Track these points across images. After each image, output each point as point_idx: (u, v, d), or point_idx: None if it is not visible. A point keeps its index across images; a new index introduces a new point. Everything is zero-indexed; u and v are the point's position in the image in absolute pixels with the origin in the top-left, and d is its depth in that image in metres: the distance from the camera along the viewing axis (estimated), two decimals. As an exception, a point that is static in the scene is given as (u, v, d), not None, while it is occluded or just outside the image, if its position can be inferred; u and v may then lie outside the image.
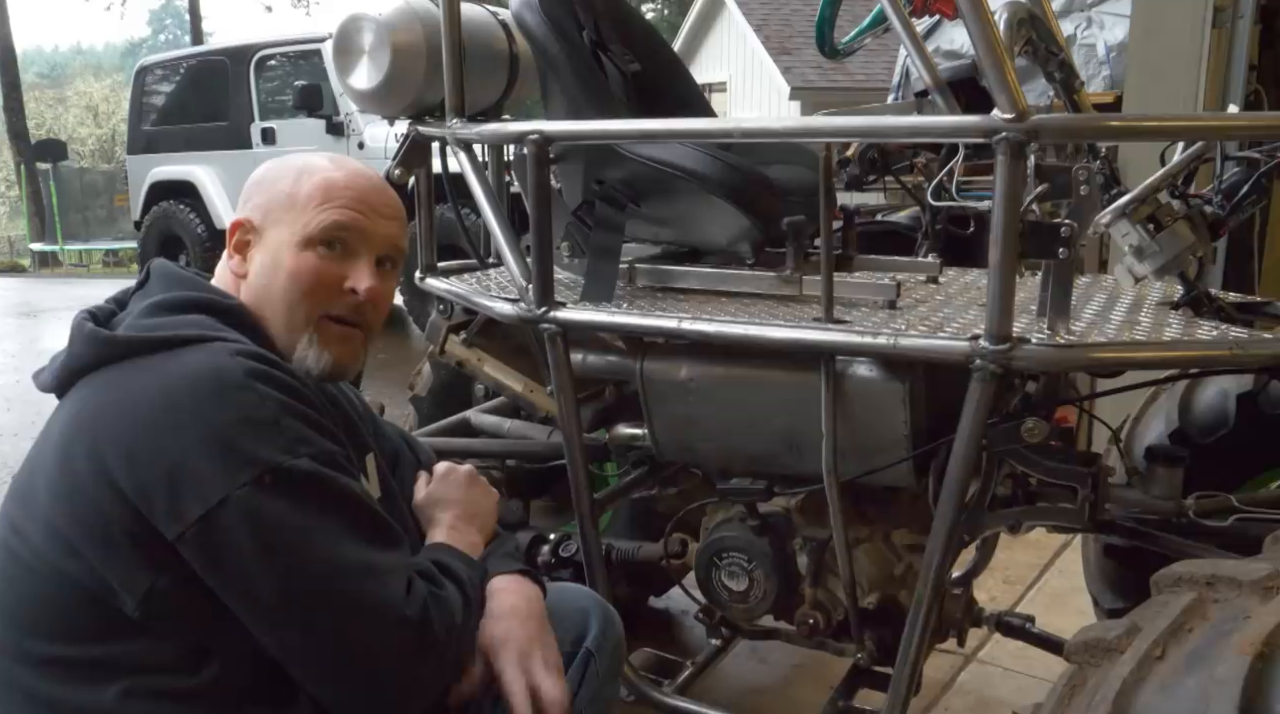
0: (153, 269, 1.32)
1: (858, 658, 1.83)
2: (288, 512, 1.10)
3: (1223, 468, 1.88)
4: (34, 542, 1.15)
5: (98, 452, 1.12)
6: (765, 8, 15.60)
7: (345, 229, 1.28)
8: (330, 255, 1.28)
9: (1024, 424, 1.49)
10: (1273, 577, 1.06)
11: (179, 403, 1.11)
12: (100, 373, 1.18)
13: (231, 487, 1.08)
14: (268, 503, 1.09)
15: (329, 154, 1.36)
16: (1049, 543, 3.10)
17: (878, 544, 1.84)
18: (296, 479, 1.11)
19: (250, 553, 1.09)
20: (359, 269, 1.29)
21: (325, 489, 1.14)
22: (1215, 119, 1.97)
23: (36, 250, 15.57)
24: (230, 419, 1.11)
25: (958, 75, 1.90)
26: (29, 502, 1.18)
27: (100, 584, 1.11)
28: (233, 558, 1.09)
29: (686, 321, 1.65)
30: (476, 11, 2.16)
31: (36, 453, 1.22)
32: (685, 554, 1.95)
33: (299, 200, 1.28)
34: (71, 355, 1.21)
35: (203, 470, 1.08)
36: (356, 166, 1.35)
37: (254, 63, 8.25)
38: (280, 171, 1.32)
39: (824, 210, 1.53)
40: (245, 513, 1.08)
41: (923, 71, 1.90)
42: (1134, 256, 1.54)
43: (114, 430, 1.12)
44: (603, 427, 1.98)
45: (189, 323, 1.20)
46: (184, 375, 1.13)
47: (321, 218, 1.27)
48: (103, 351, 1.19)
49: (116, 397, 1.15)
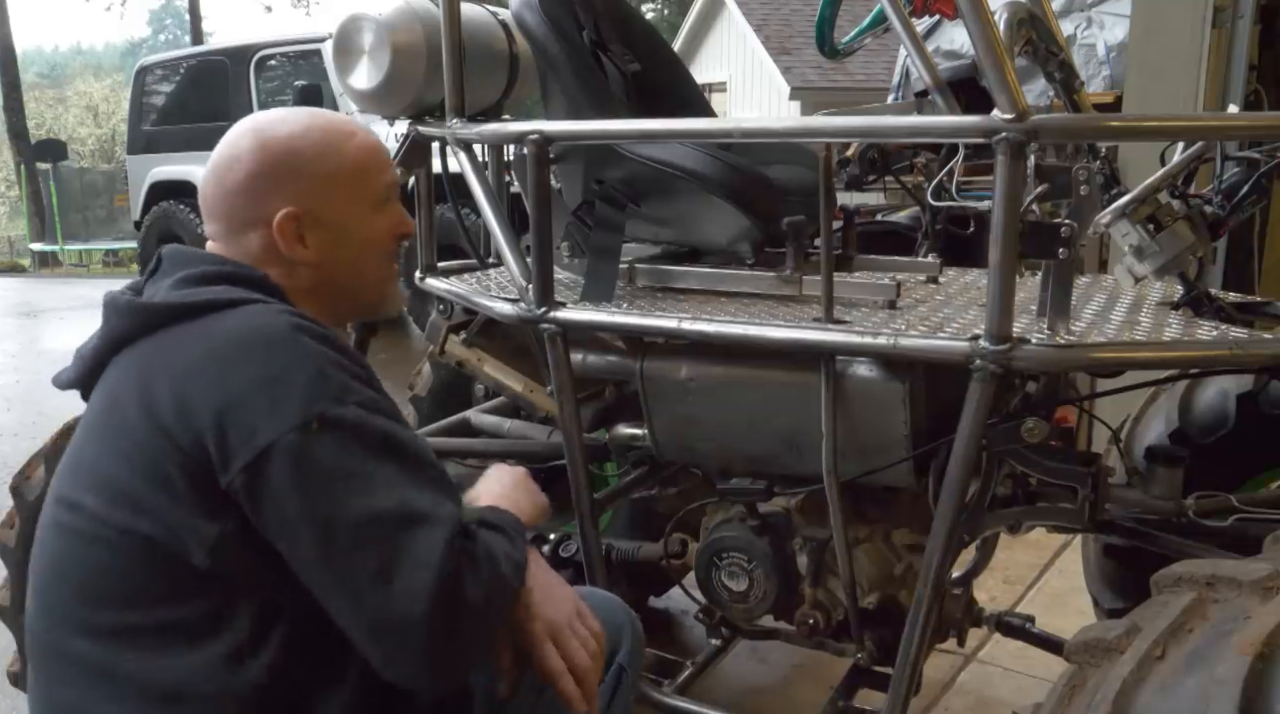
0: (165, 254, 1.30)
1: (858, 658, 1.83)
2: (334, 458, 1.09)
3: (1223, 468, 1.88)
4: (93, 509, 1.14)
5: (151, 407, 1.11)
6: (765, 8, 15.60)
7: (392, 184, 1.37)
8: (388, 209, 1.35)
9: (1024, 424, 1.49)
10: (1273, 577, 1.06)
11: (227, 354, 1.12)
12: (141, 343, 1.18)
13: (278, 432, 1.07)
14: (314, 449, 1.08)
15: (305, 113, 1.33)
16: (1049, 543, 3.10)
17: (878, 544, 1.84)
18: (344, 425, 1.10)
19: (293, 500, 1.07)
20: (401, 214, 1.37)
21: (373, 434, 1.12)
22: (1215, 119, 1.97)
23: (36, 250, 15.56)
24: (277, 368, 1.11)
25: (958, 75, 1.90)
26: (79, 473, 1.18)
27: (170, 536, 1.10)
28: (277, 505, 1.08)
29: (686, 321, 1.65)
30: (476, 11, 2.17)
31: (81, 433, 1.22)
32: (685, 554, 1.95)
33: (347, 171, 1.30)
34: (110, 329, 1.21)
35: (250, 417, 1.08)
36: (349, 120, 1.37)
37: (254, 63, 8.26)
38: (302, 152, 1.28)
39: (824, 210, 1.53)
40: (291, 459, 1.07)
41: (923, 71, 1.90)
42: (1134, 256, 1.54)
43: (165, 383, 1.12)
44: (603, 427, 1.98)
45: (224, 290, 1.20)
46: (230, 330, 1.14)
47: (383, 179, 1.34)
48: (142, 320, 1.18)
49: (164, 355, 1.15)
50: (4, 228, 22.32)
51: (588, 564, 1.88)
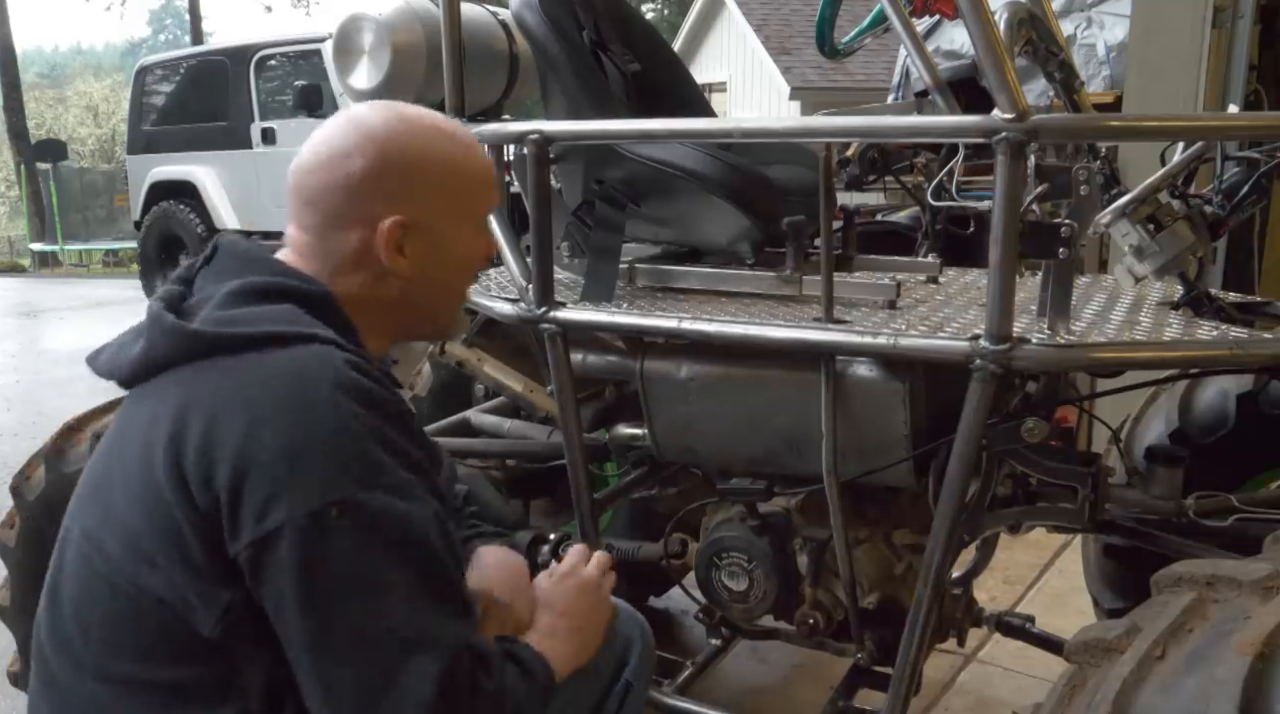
0: (221, 246, 1.22)
1: (858, 658, 1.83)
2: (344, 556, 1.02)
3: (1223, 468, 1.88)
4: (111, 553, 1.09)
5: (180, 446, 1.05)
6: (765, 8, 15.59)
7: (494, 206, 1.35)
8: (485, 231, 1.31)
9: (1024, 424, 1.49)
10: (1273, 577, 1.06)
11: (259, 406, 1.04)
12: (180, 370, 1.10)
13: (291, 515, 1.00)
14: (326, 541, 1.01)
15: (428, 117, 1.23)
16: (1049, 543, 3.10)
17: (878, 544, 1.84)
18: (365, 515, 1.02)
19: (292, 590, 1.01)
20: (491, 238, 1.37)
21: (394, 529, 1.04)
22: (1215, 119, 1.97)
23: (36, 250, 15.56)
24: (306, 435, 1.02)
25: (958, 75, 1.90)
26: (106, 509, 1.12)
27: (179, 598, 1.05)
28: (276, 589, 1.02)
29: (686, 321, 1.65)
30: (476, 11, 2.17)
31: (113, 451, 1.16)
32: (685, 554, 1.95)
33: (466, 188, 1.24)
34: (150, 348, 1.13)
35: (267, 486, 1.01)
36: (470, 133, 1.30)
37: (254, 63, 8.26)
38: (424, 160, 1.20)
39: (824, 210, 1.53)
40: (300, 548, 1.00)
41: (923, 71, 1.90)
42: (1134, 256, 1.54)
43: (198, 421, 1.05)
44: (603, 427, 1.98)
45: (276, 316, 1.11)
46: (269, 379, 1.06)
47: (489, 200, 1.29)
48: (184, 347, 1.11)
49: (204, 386, 1.08)
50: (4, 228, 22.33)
51: (588, 564, 1.88)
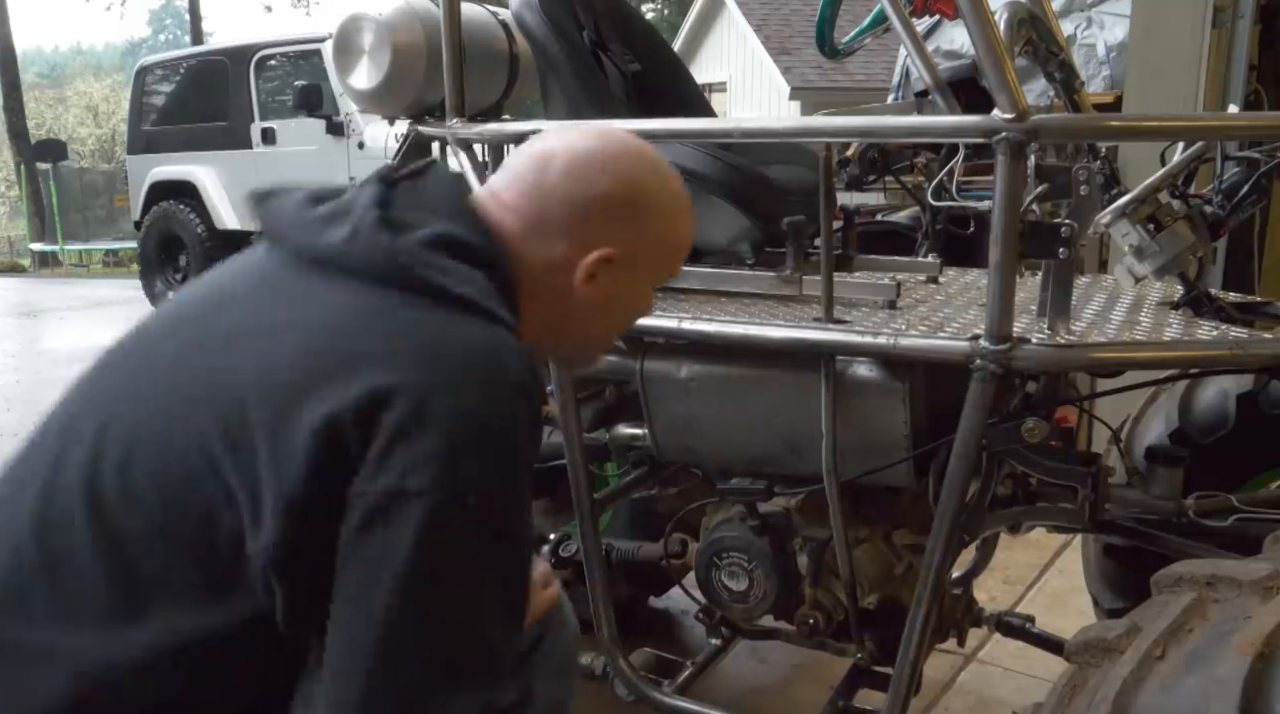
0: (435, 169, 1.18)
1: (858, 658, 1.83)
2: (472, 546, 0.96)
3: (1223, 468, 1.88)
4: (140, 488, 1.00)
5: (336, 368, 0.97)
6: (765, 8, 15.59)
7: None
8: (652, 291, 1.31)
9: (1024, 424, 1.49)
10: (1273, 577, 1.06)
11: (451, 375, 0.97)
12: (359, 283, 1.02)
13: (444, 484, 0.93)
14: (462, 525, 0.95)
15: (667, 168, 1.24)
16: (1049, 543, 3.10)
17: (878, 544, 1.84)
18: (494, 516, 0.97)
19: (399, 559, 0.93)
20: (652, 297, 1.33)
21: (512, 546, 1.01)
22: (1215, 119, 1.97)
23: (36, 250, 15.55)
24: (486, 418, 0.97)
25: (958, 75, 1.90)
26: (137, 429, 1.03)
27: (231, 510, 0.96)
28: (375, 553, 0.93)
29: (686, 321, 1.65)
30: (476, 11, 2.16)
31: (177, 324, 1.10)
32: (685, 554, 1.95)
33: (671, 245, 1.25)
34: (351, 244, 1.04)
35: (432, 448, 0.93)
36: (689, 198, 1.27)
37: (254, 63, 8.25)
38: (650, 204, 1.20)
39: (824, 210, 1.53)
40: (434, 516, 0.93)
41: (923, 71, 1.90)
42: (1134, 256, 1.54)
43: (372, 360, 0.97)
44: (603, 427, 1.98)
45: (471, 280, 1.05)
46: (467, 348, 1.00)
47: (676, 269, 1.30)
48: (384, 267, 1.03)
49: (380, 328, 1.00)
50: (4, 228, 22.33)
51: (587, 564, 1.88)
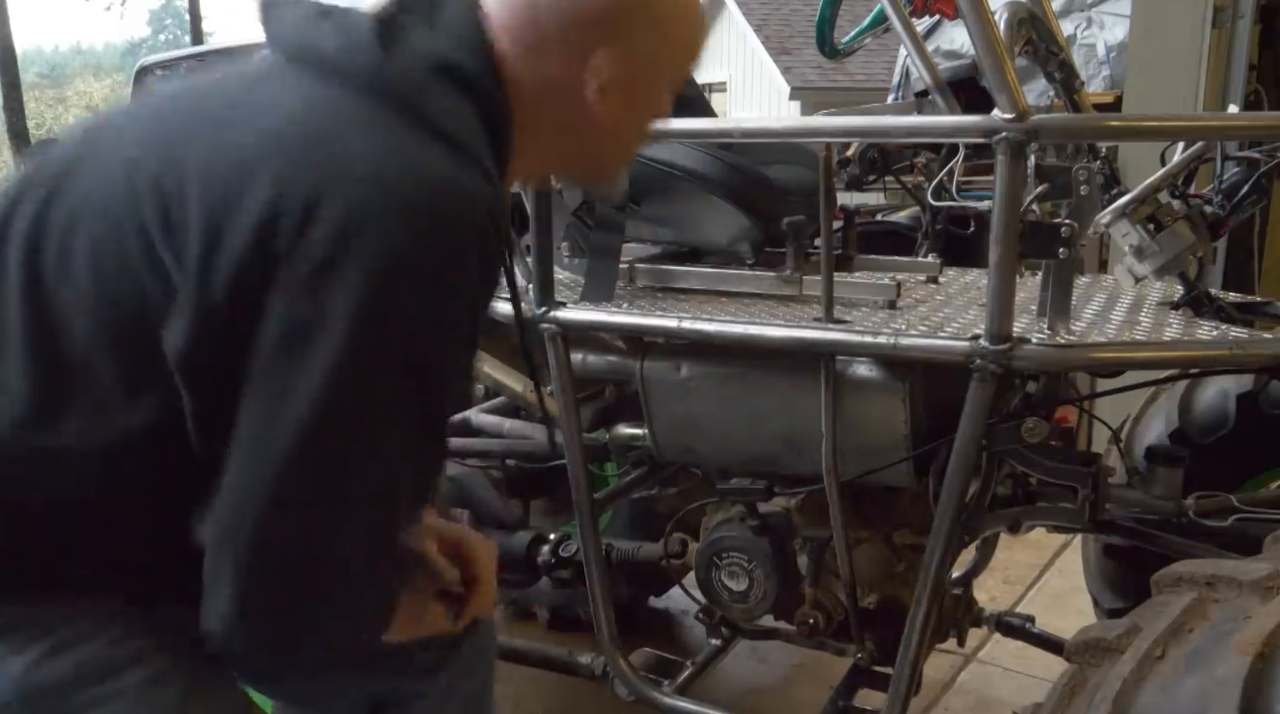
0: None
1: (858, 658, 1.83)
2: (385, 377, 0.91)
3: (1223, 468, 1.88)
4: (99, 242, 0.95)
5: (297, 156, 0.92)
6: (765, 8, 15.59)
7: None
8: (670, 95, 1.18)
9: (1024, 424, 1.49)
10: (1273, 577, 1.06)
11: (404, 195, 0.91)
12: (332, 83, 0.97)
13: (377, 259, 0.88)
14: (379, 355, 0.91)
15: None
16: (1049, 543, 3.10)
17: (878, 544, 1.84)
18: (418, 352, 0.93)
19: (311, 387, 0.87)
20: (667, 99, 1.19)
21: (434, 382, 0.96)
22: (1215, 119, 1.98)
23: (36, 250, 15.57)
24: (426, 250, 0.92)
25: (958, 75, 1.90)
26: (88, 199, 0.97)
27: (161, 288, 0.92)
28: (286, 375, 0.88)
29: (686, 321, 1.65)
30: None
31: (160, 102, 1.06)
32: (685, 554, 1.95)
33: (679, 42, 1.13)
34: (341, 50, 0.98)
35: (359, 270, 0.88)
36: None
37: (254, 63, 8.26)
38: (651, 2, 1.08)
39: (824, 210, 1.53)
40: (349, 343, 0.88)
41: (923, 71, 1.90)
42: (1134, 256, 1.54)
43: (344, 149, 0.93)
44: (603, 426, 1.98)
45: (461, 114, 0.99)
46: (426, 173, 0.93)
47: (690, 64, 1.17)
48: (360, 69, 0.97)
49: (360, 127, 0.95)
50: (4, 228, 22.30)
51: (587, 564, 1.88)
